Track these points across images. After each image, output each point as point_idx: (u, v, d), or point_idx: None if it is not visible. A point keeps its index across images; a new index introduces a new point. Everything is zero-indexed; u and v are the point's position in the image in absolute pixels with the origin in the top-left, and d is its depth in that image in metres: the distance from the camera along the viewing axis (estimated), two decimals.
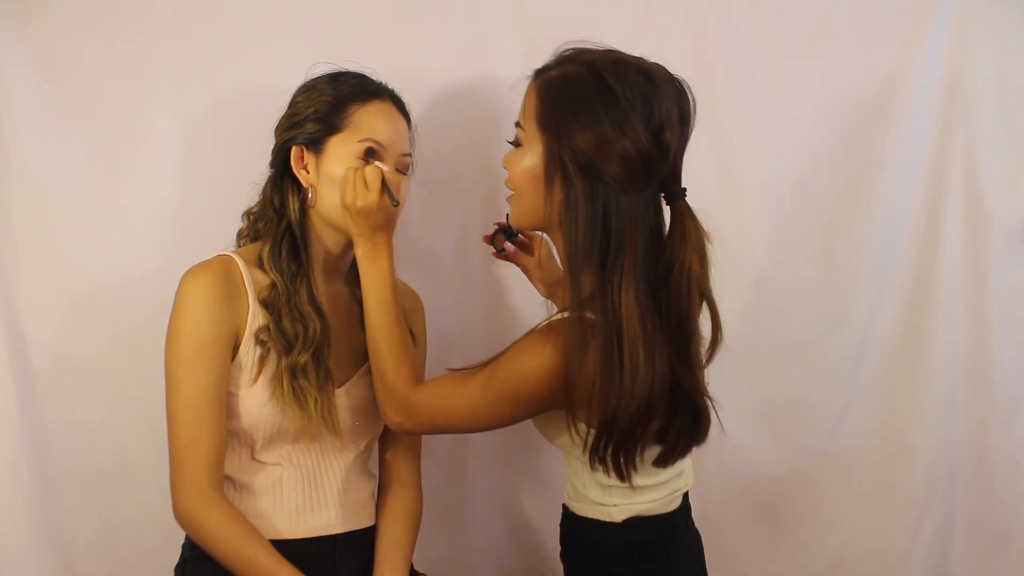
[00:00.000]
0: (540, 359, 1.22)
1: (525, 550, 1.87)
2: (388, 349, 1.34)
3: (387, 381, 1.34)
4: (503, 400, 1.27)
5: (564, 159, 1.21)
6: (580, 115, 1.20)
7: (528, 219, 1.30)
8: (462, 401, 1.30)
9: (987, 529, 1.93)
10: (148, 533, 1.68)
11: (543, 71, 1.29)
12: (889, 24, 1.86)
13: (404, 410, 1.33)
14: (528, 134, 1.27)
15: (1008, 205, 1.90)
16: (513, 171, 1.30)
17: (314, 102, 1.39)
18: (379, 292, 1.34)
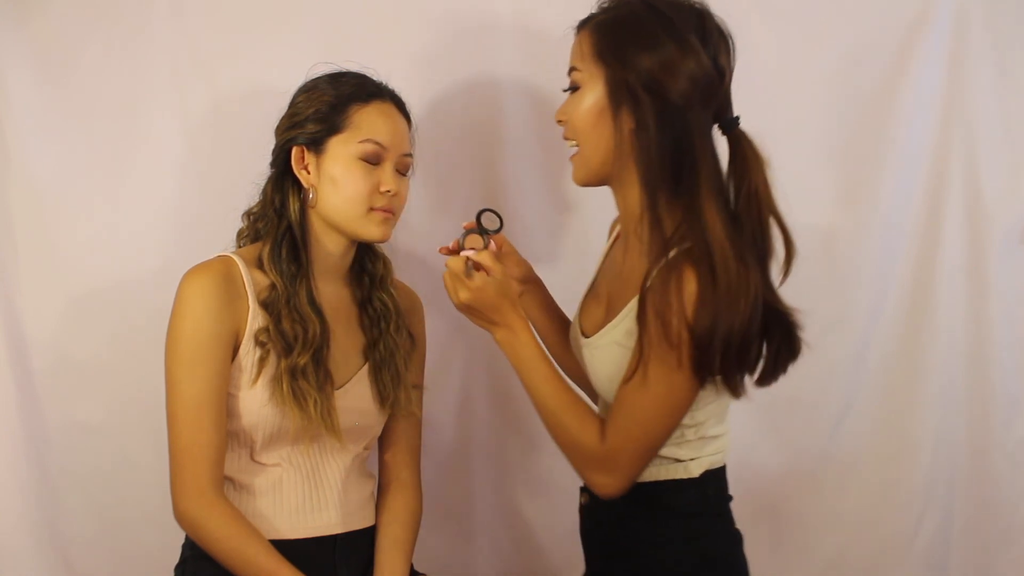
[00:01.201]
0: (688, 290, 1.16)
1: (525, 550, 1.87)
2: (567, 416, 1.27)
3: (580, 447, 1.26)
4: (680, 363, 1.18)
5: (629, 82, 1.21)
6: (641, 39, 1.22)
7: (595, 166, 1.28)
8: (652, 406, 1.22)
9: (987, 529, 1.93)
10: (148, 533, 1.68)
11: (590, 18, 1.29)
12: (889, 24, 1.86)
13: (608, 466, 1.25)
14: (586, 73, 1.27)
15: (1008, 205, 1.90)
16: (574, 115, 1.27)
17: (315, 102, 1.39)
18: (535, 370, 1.28)
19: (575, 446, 1.27)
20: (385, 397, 1.44)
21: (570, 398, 1.28)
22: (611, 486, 1.26)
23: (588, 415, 1.27)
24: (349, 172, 1.37)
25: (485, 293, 1.27)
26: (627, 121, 1.23)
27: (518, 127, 1.79)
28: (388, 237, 1.41)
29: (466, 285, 1.27)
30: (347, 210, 1.37)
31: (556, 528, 1.85)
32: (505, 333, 1.29)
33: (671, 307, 1.16)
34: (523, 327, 1.29)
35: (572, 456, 1.28)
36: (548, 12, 1.77)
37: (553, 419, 1.28)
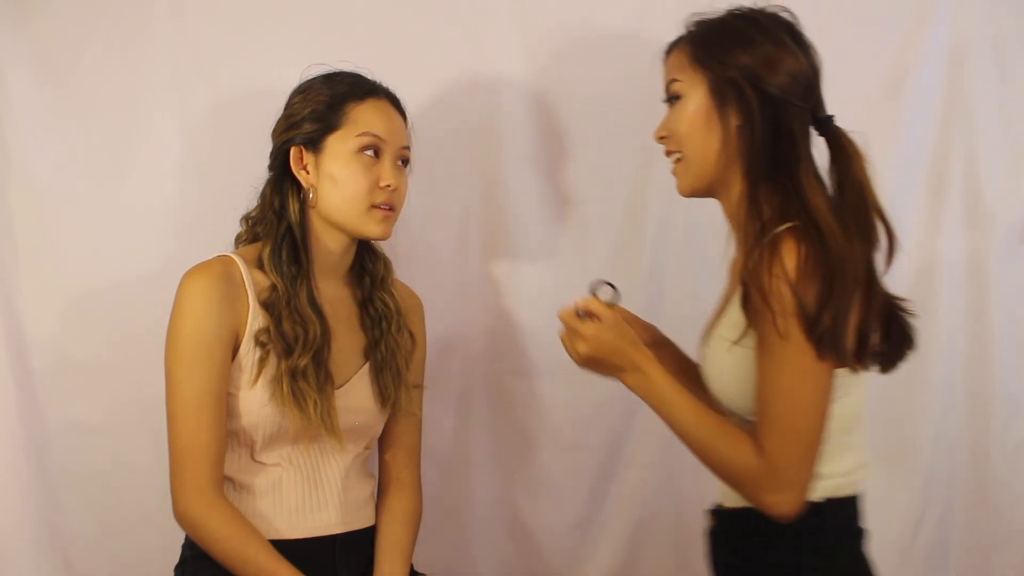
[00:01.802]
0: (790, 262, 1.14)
1: (525, 550, 1.87)
2: (717, 440, 1.22)
3: (740, 468, 1.20)
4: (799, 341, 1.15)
5: (734, 78, 1.24)
6: (738, 40, 1.26)
7: (703, 170, 1.29)
8: (791, 398, 1.17)
9: (986, 529, 1.93)
10: (148, 533, 1.68)
11: (681, 37, 1.33)
12: (889, 24, 1.86)
13: (774, 481, 1.18)
14: (686, 82, 1.29)
15: (1008, 205, 1.90)
16: (679, 123, 1.30)
17: (311, 102, 1.40)
18: (672, 403, 1.24)
19: (735, 469, 1.21)
20: (386, 397, 1.44)
21: (716, 422, 1.23)
22: (786, 503, 1.18)
23: (739, 434, 1.21)
24: (348, 168, 1.37)
25: (601, 339, 1.24)
26: (733, 118, 1.26)
27: (517, 127, 1.79)
28: (389, 235, 1.41)
29: (582, 336, 1.24)
30: (348, 207, 1.38)
31: (556, 528, 1.85)
32: (634, 376, 1.26)
33: (776, 281, 1.14)
34: (649, 364, 1.25)
35: (737, 482, 1.22)
36: (547, 12, 1.78)
37: (705, 448, 1.23)
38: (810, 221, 1.18)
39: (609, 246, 1.82)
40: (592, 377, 1.30)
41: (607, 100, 1.78)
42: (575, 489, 1.85)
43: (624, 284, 1.78)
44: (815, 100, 1.28)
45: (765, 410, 1.19)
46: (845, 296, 1.16)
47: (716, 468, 1.24)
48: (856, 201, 1.24)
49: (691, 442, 1.24)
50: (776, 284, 1.15)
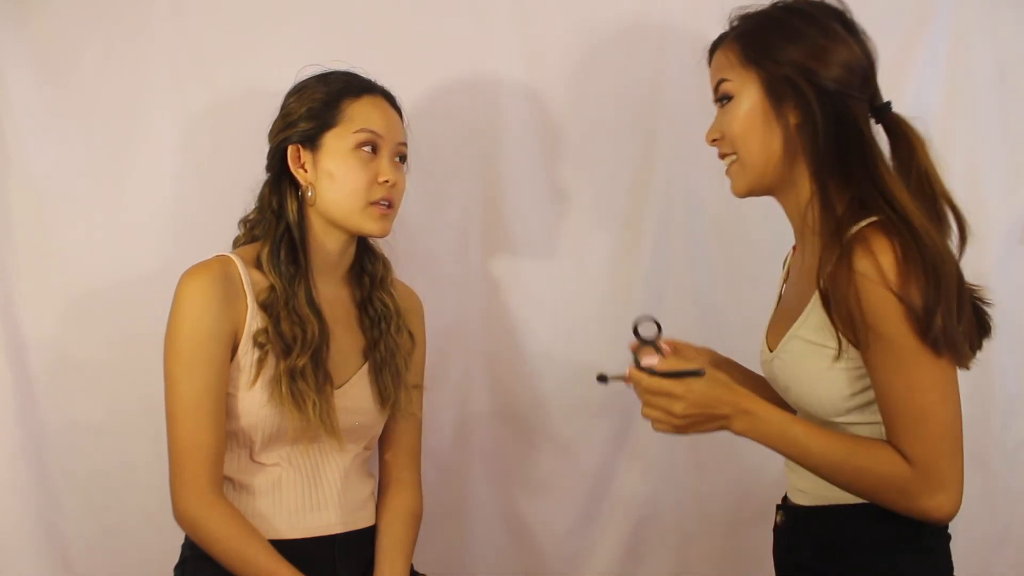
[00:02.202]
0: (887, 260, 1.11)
1: (524, 550, 1.86)
2: (857, 458, 1.16)
3: (892, 481, 1.15)
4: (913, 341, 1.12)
5: (788, 75, 1.20)
6: (788, 35, 1.22)
7: (760, 170, 1.25)
8: (938, 400, 1.14)
9: (985, 528, 1.93)
10: (147, 533, 1.68)
11: (725, 35, 1.29)
12: (889, 24, 1.85)
13: (934, 484, 1.13)
14: (737, 81, 1.25)
15: (1008, 205, 1.90)
16: (732, 123, 1.26)
17: (306, 101, 1.40)
18: (794, 435, 1.18)
19: (887, 483, 1.15)
20: (386, 397, 1.44)
21: (847, 441, 1.18)
22: (948, 503, 1.14)
23: (878, 446, 1.16)
24: (346, 165, 1.37)
25: (698, 393, 1.16)
26: (791, 116, 1.22)
27: (517, 127, 1.79)
28: (387, 231, 1.41)
29: (675, 396, 1.16)
30: (346, 204, 1.38)
31: (556, 528, 1.85)
32: (742, 420, 1.18)
33: (873, 286, 1.11)
34: (754, 403, 1.19)
35: (890, 495, 1.16)
36: (547, 11, 1.78)
37: (846, 471, 1.17)
38: (895, 215, 1.15)
39: (609, 246, 1.82)
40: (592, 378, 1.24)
41: (607, 100, 1.78)
42: (575, 489, 1.85)
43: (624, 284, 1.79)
44: (872, 88, 1.24)
45: (900, 415, 1.14)
46: (951, 293, 1.13)
47: (863, 487, 1.18)
48: (925, 190, 1.21)
49: (828, 469, 1.18)
50: (874, 289, 1.11)
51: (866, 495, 1.19)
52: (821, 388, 1.21)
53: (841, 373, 1.20)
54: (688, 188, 1.80)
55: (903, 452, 1.14)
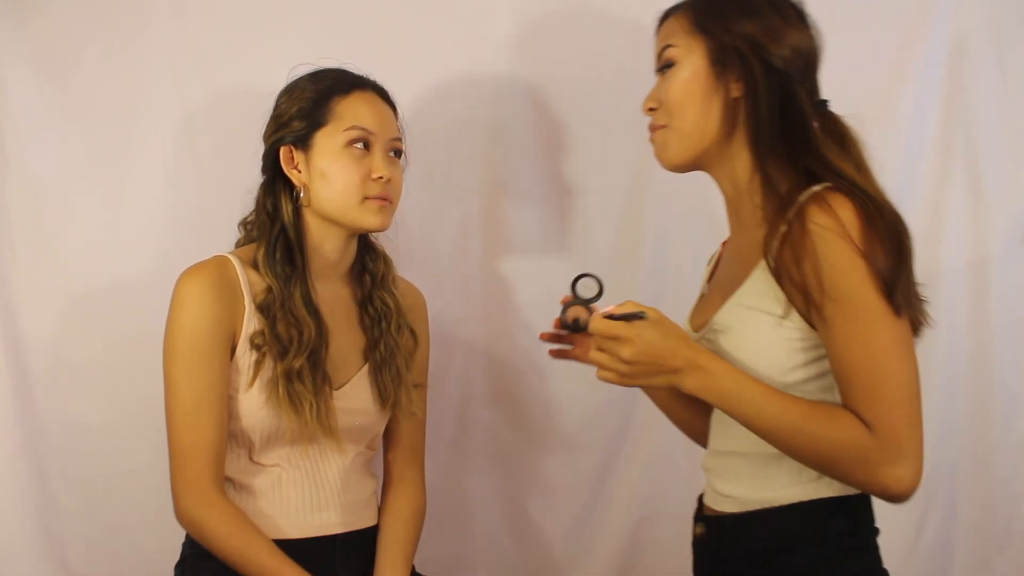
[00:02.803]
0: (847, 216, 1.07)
1: (525, 550, 1.86)
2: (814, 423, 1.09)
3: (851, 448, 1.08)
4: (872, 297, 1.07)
5: (738, 46, 1.18)
6: (744, 9, 1.20)
7: (695, 141, 1.22)
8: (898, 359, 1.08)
9: (988, 530, 1.92)
10: (146, 534, 1.68)
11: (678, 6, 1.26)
12: (889, 24, 1.85)
13: (894, 452, 1.06)
14: (682, 47, 1.22)
15: (1009, 205, 1.90)
16: (671, 90, 1.22)
17: (296, 101, 1.39)
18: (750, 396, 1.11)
19: (844, 450, 1.08)
20: (386, 398, 1.43)
21: (806, 405, 1.10)
22: (909, 474, 1.07)
23: (836, 410, 1.09)
24: (338, 162, 1.36)
25: (646, 339, 1.09)
26: (733, 88, 1.20)
27: (517, 125, 1.79)
28: (387, 225, 1.40)
29: (623, 340, 1.09)
30: (341, 201, 1.37)
31: (556, 528, 1.85)
32: (695, 376, 1.11)
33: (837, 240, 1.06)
34: (710, 359, 1.12)
35: (845, 465, 1.09)
36: (547, 10, 1.78)
37: (800, 437, 1.10)
38: (854, 184, 1.12)
39: (609, 243, 1.82)
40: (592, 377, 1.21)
41: (607, 98, 1.78)
42: (575, 489, 1.85)
43: (624, 282, 1.79)
44: (814, 81, 1.22)
45: (859, 377, 1.07)
46: (910, 262, 1.10)
47: (816, 455, 1.10)
48: None
49: (781, 433, 1.11)
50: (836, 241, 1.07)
51: (821, 464, 1.12)
52: (763, 357, 1.15)
53: (784, 343, 1.14)
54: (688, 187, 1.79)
55: (863, 417, 1.07)
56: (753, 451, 1.19)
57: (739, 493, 1.21)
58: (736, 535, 1.21)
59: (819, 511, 1.16)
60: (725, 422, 1.23)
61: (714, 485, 1.26)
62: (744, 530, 1.20)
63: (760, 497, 1.19)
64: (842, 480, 1.12)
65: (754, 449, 1.18)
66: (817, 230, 1.08)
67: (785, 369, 1.15)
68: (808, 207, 1.10)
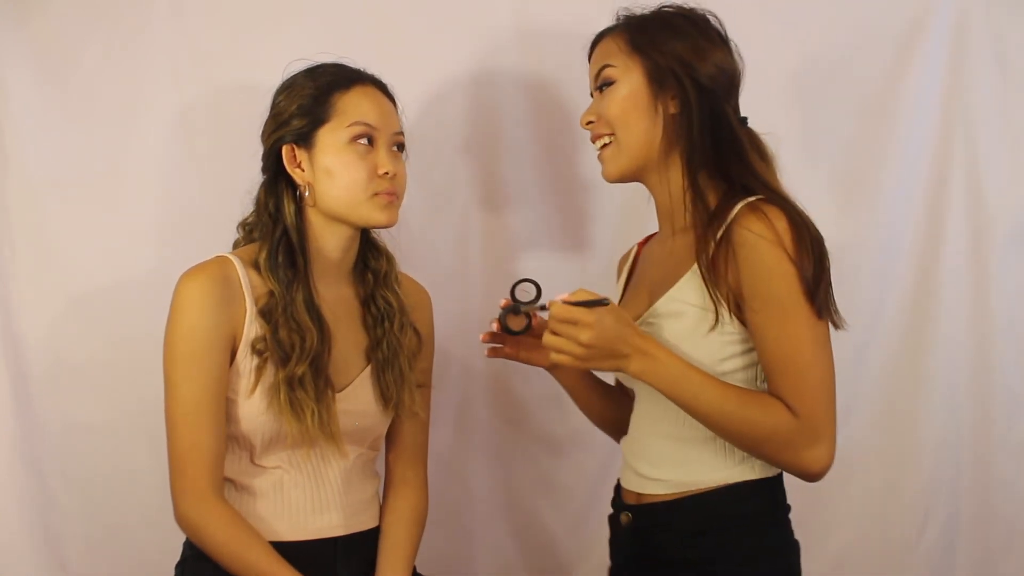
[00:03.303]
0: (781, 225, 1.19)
1: (525, 550, 1.86)
2: (748, 409, 1.21)
3: (777, 432, 1.20)
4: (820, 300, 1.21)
5: (671, 67, 1.28)
6: (673, 30, 1.30)
7: (634, 154, 1.30)
8: (820, 353, 1.21)
9: (991, 531, 1.92)
10: (146, 535, 1.67)
11: (614, 26, 1.36)
12: (889, 24, 1.86)
13: (814, 436, 1.19)
14: (621, 67, 1.31)
15: (1009, 205, 1.90)
16: (611, 105, 1.30)
17: (296, 98, 1.37)
18: (689, 382, 1.21)
19: (771, 434, 1.20)
20: (388, 398, 1.41)
21: (739, 392, 1.22)
22: (825, 455, 1.20)
23: (766, 398, 1.21)
24: (343, 159, 1.34)
25: (604, 323, 1.17)
26: (670, 105, 1.29)
27: (517, 127, 1.80)
28: (395, 221, 1.37)
29: (584, 325, 1.16)
30: (349, 198, 1.34)
31: (557, 527, 1.84)
32: (640, 361, 1.20)
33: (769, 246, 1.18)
34: (655, 346, 1.21)
35: (773, 447, 1.21)
36: (548, 11, 1.78)
37: (734, 420, 1.21)
38: (783, 199, 1.23)
39: (609, 245, 1.82)
40: None
41: None
42: (575, 489, 1.85)
43: None
44: (736, 99, 1.32)
45: (786, 369, 1.20)
46: (828, 271, 1.22)
47: (748, 438, 1.22)
48: None
49: (717, 417, 1.21)
50: (771, 250, 1.18)
51: (751, 445, 1.23)
52: (698, 349, 1.24)
53: (714, 337, 1.24)
54: None
55: (789, 405, 1.19)
56: (680, 434, 1.28)
57: (667, 476, 1.30)
58: (667, 519, 1.29)
59: (742, 492, 1.26)
60: (653, 407, 1.31)
61: (637, 468, 1.34)
62: (675, 513, 1.29)
63: (689, 480, 1.28)
64: (767, 460, 1.24)
65: (681, 433, 1.28)
66: (753, 238, 1.19)
67: (716, 360, 1.24)
68: (745, 216, 1.21)
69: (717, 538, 1.27)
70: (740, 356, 1.25)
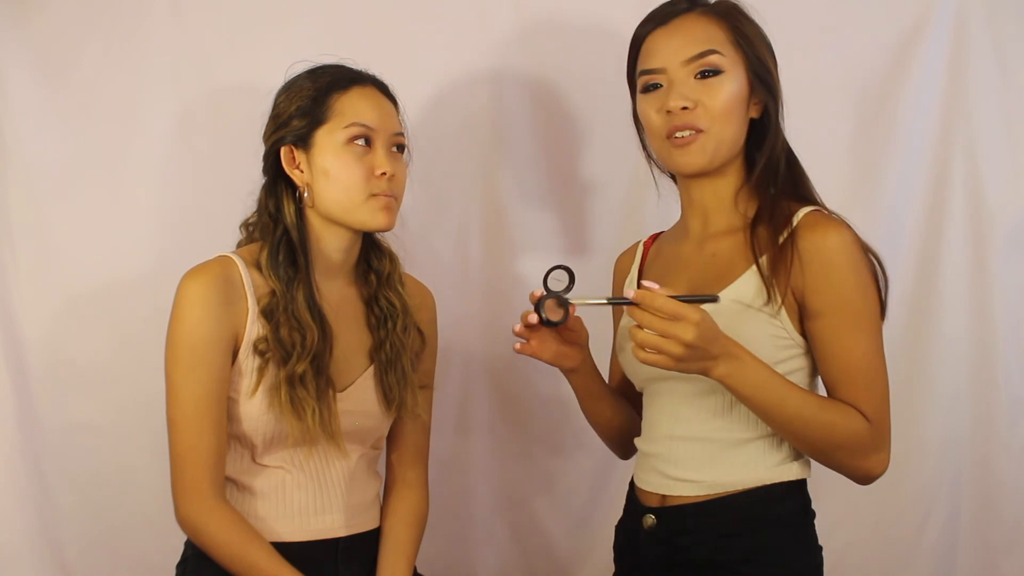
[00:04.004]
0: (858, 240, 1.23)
1: (525, 550, 1.86)
2: (828, 413, 1.20)
3: (855, 436, 1.20)
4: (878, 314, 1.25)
5: (760, 71, 1.28)
6: (757, 31, 1.30)
7: (724, 153, 1.28)
8: (884, 365, 1.23)
9: (992, 530, 1.92)
10: (147, 535, 1.68)
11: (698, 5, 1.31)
12: (889, 24, 1.86)
13: (879, 441, 1.22)
14: (729, 59, 1.27)
15: (1009, 205, 1.90)
16: (717, 99, 1.25)
17: (295, 99, 1.37)
18: (776, 387, 1.18)
19: (849, 438, 1.20)
20: (391, 400, 1.41)
21: (819, 398, 1.22)
22: (886, 460, 1.23)
23: (842, 404, 1.21)
24: (340, 160, 1.33)
25: (707, 325, 1.11)
26: (752, 110, 1.29)
27: (517, 125, 1.80)
28: (392, 225, 1.37)
29: (691, 322, 1.09)
30: (346, 200, 1.34)
31: (556, 528, 1.84)
32: (728, 364, 1.15)
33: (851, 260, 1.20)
34: (742, 349, 1.17)
35: (847, 452, 1.21)
36: (548, 10, 1.78)
37: (817, 426, 1.19)
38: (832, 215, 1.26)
39: (609, 245, 1.81)
40: None
41: (608, 98, 1.77)
42: (575, 489, 1.85)
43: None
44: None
45: (860, 376, 1.21)
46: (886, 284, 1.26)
47: (825, 442, 1.21)
48: None
49: (800, 422, 1.19)
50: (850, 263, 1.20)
51: (825, 449, 1.22)
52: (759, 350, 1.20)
53: (771, 339, 1.23)
54: None
55: (862, 411, 1.21)
56: (713, 437, 1.26)
57: (698, 477, 1.26)
58: (697, 521, 1.26)
59: (777, 493, 1.25)
60: (680, 408, 1.28)
61: (665, 471, 1.30)
62: (708, 515, 1.26)
63: (724, 480, 1.25)
64: (834, 464, 1.23)
65: (713, 434, 1.26)
66: (828, 247, 1.20)
67: (772, 363, 1.21)
68: (814, 224, 1.22)
69: (749, 540, 1.25)
70: (792, 360, 1.25)
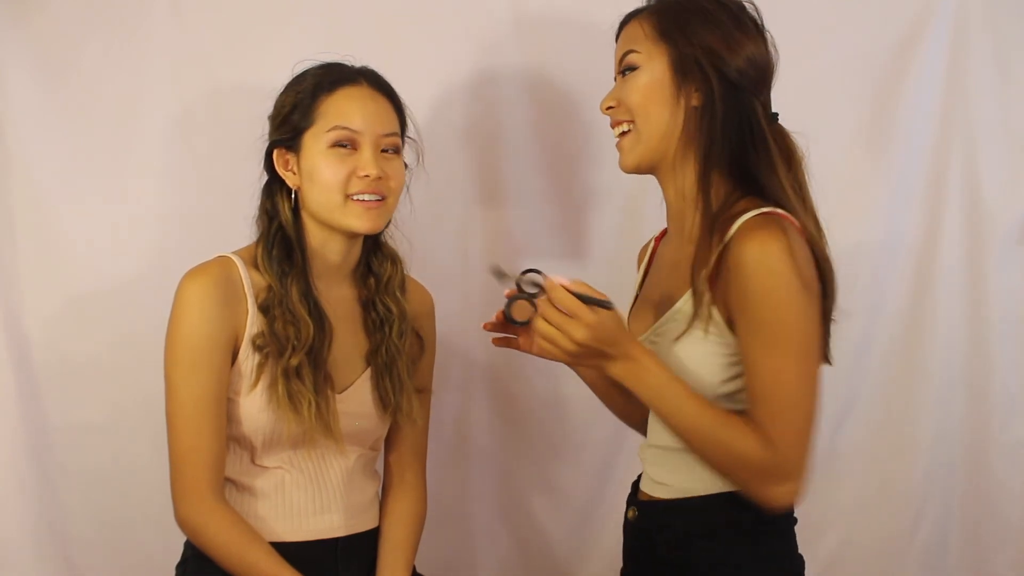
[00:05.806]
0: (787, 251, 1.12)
1: (525, 550, 1.87)
2: (723, 431, 1.16)
3: (747, 460, 1.16)
4: (815, 332, 1.16)
5: (696, 57, 1.21)
6: (705, 17, 1.23)
7: (654, 144, 1.25)
8: (800, 382, 1.15)
9: (984, 529, 1.93)
10: (149, 533, 1.68)
11: (643, 8, 1.29)
12: (889, 24, 1.86)
13: (784, 472, 1.15)
14: (645, 53, 1.25)
15: (1007, 205, 1.90)
16: (633, 92, 1.25)
17: (288, 101, 1.37)
18: (671, 393, 1.17)
19: (741, 461, 1.16)
20: (386, 404, 1.41)
21: (718, 412, 1.18)
22: (793, 492, 1.17)
23: (743, 424, 1.16)
24: (323, 163, 1.33)
25: (605, 326, 1.12)
26: (692, 98, 1.23)
27: (518, 127, 1.80)
28: (377, 228, 1.36)
29: (583, 322, 1.11)
30: (326, 202, 1.33)
31: (557, 528, 1.85)
32: (625, 365, 1.16)
33: (771, 273, 1.12)
34: (641, 350, 1.16)
35: (744, 474, 1.17)
36: (548, 10, 1.78)
37: (706, 439, 1.17)
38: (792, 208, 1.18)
39: (609, 245, 1.82)
40: None
41: None
42: (575, 489, 1.85)
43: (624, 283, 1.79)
44: (767, 93, 1.25)
45: (768, 400, 1.15)
46: (832, 301, 1.19)
47: (717, 459, 1.19)
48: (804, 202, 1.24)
49: (691, 433, 1.18)
50: (771, 276, 1.12)
51: (721, 468, 1.19)
52: (699, 371, 1.20)
53: (715, 357, 1.20)
54: None
55: (769, 435, 1.14)
56: (679, 446, 1.24)
57: (672, 481, 1.28)
58: (664, 519, 1.28)
59: (739, 500, 1.21)
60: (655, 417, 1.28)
61: (649, 473, 1.32)
62: (672, 515, 1.27)
63: (688, 486, 1.25)
64: (739, 487, 1.19)
65: (680, 444, 1.24)
66: (747, 259, 1.13)
67: (719, 381, 1.21)
68: (744, 234, 1.15)
69: (709, 543, 1.24)
70: (741, 378, 1.21)
